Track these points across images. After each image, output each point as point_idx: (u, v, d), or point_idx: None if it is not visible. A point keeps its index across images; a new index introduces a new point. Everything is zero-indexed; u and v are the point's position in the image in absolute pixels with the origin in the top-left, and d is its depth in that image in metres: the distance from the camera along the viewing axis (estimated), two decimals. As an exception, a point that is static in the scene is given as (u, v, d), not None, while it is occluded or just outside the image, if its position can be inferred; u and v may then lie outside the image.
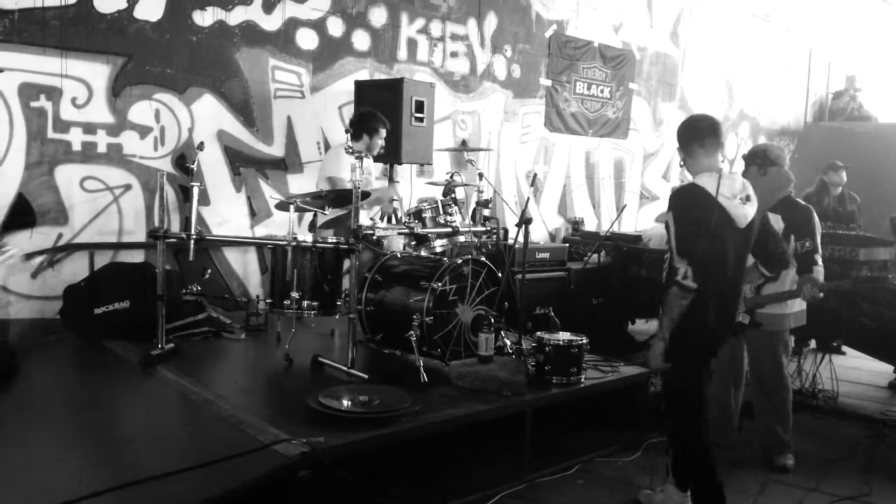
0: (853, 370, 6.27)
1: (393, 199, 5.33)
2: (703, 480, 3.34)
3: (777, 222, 4.07)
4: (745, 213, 3.16)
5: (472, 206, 5.30)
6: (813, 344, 6.05)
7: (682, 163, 3.31)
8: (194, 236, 4.13)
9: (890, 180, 6.51)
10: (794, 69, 11.55)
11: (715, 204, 3.06)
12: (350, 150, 4.13)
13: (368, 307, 4.42)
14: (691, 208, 3.11)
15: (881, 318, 4.66)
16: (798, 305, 4.12)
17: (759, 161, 4.10)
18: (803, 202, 4.14)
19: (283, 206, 4.40)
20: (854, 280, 4.14)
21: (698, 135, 3.23)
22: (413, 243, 4.81)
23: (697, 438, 3.30)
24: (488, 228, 5.00)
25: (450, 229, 4.74)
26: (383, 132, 5.21)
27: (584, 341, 4.11)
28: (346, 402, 3.42)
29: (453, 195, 4.91)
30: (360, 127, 5.14)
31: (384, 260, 4.59)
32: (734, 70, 10.48)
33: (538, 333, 4.16)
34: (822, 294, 3.87)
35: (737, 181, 3.19)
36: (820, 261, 3.99)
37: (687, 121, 3.36)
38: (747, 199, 3.18)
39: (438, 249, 4.79)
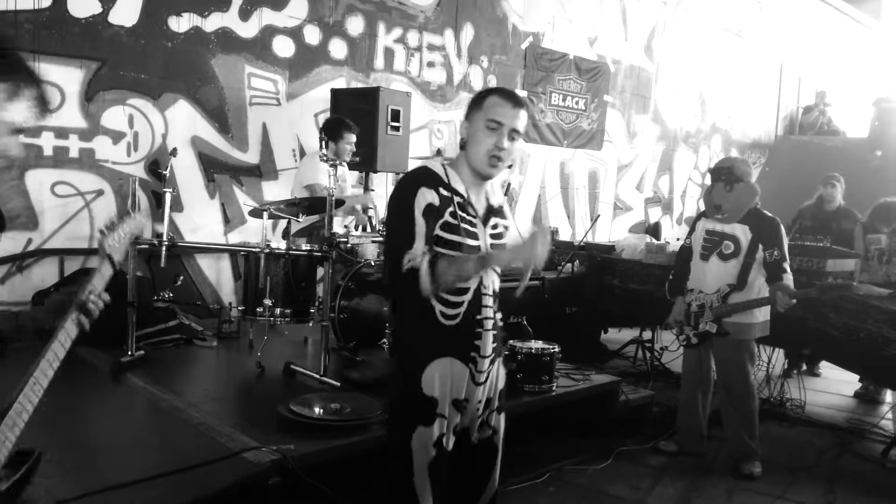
0: (821, 380, 6.38)
1: (368, 208, 5.33)
2: None
3: (745, 233, 4.14)
4: None
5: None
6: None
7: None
8: (166, 242, 4.10)
9: (857, 194, 6.62)
10: (766, 84, 11.76)
11: None
12: (325, 158, 4.14)
13: (342, 315, 4.42)
14: None
15: (847, 327, 4.73)
16: (763, 315, 4.19)
17: (724, 178, 4.16)
18: (769, 213, 4.20)
19: (257, 213, 4.39)
20: (819, 288, 4.20)
21: None
22: (387, 251, 4.81)
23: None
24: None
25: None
26: (350, 137, 5.13)
27: (557, 350, 4.13)
28: (317, 410, 3.41)
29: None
30: (326, 134, 5.12)
31: (358, 268, 4.59)
32: (707, 84, 10.64)
33: (511, 342, 4.17)
34: (794, 301, 3.92)
35: None
36: (789, 269, 4.05)
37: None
38: None
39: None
